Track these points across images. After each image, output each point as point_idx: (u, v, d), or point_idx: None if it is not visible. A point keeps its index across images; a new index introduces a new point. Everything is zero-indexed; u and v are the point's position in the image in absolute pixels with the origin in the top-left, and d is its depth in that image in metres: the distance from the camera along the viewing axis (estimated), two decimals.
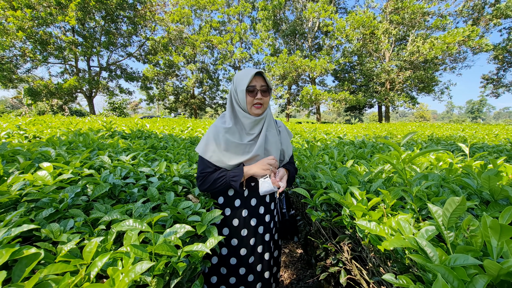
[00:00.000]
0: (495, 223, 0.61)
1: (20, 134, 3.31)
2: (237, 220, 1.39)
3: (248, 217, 1.40)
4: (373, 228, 0.93)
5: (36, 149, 1.70)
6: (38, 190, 1.08)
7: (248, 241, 1.39)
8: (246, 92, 1.28)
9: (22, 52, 19.09)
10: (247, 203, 1.41)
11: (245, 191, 1.41)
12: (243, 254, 1.39)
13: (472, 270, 0.64)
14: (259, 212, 1.43)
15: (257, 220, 1.42)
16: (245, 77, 1.27)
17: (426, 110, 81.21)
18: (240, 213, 1.39)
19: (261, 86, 1.30)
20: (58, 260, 0.73)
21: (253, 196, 1.42)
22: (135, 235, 0.85)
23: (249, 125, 1.33)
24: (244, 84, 1.26)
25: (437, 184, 1.30)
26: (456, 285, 0.58)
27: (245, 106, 1.31)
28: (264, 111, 1.36)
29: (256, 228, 1.42)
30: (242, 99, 1.30)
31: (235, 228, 1.38)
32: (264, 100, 1.32)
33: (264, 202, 1.45)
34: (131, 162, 1.77)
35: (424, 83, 25.29)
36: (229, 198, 1.39)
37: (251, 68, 1.29)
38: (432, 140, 5.22)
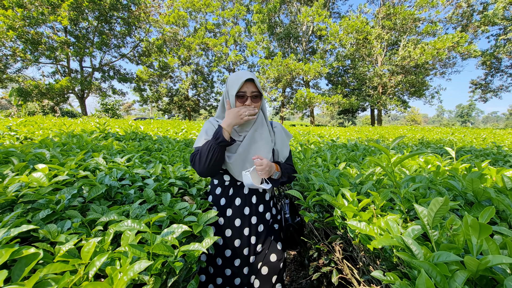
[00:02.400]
0: (475, 222, 0.66)
1: (11, 135, 3.27)
2: (222, 219, 1.39)
3: (232, 217, 1.39)
4: (363, 228, 0.97)
5: (29, 150, 1.69)
6: (34, 191, 1.09)
7: (232, 242, 1.37)
8: (236, 98, 1.30)
9: (12, 52, 18.73)
10: (231, 202, 1.40)
11: (230, 190, 1.42)
12: (228, 255, 1.38)
13: (454, 266, 0.68)
14: (244, 213, 1.41)
15: (242, 221, 1.40)
16: (236, 82, 1.28)
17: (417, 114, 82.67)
18: (225, 212, 1.39)
19: (251, 92, 1.30)
20: (57, 260, 0.75)
21: (238, 195, 1.42)
22: (132, 235, 0.86)
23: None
24: (234, 89, 1.28)
25: (424, 186, 1.35)
26: (438, 280, 0.62)
27: None
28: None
29: (241, 230, 1.39)
30: (232, 104, 1.32)
31: (220, 227, 1.38)
32: (254, 105, 1.33)
33: (249, 202, 1.43)
34: (126, 164, 1.78)
35: (415, 87, 25.81)
36: (215, 197, 1.43)
37: (243, 72, 1.30)
38: (423, 144, 5.34)
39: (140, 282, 0.77)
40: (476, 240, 0.67)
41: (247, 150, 1.35)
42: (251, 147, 1.36)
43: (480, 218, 0.73)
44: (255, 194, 1.45)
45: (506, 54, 24.51)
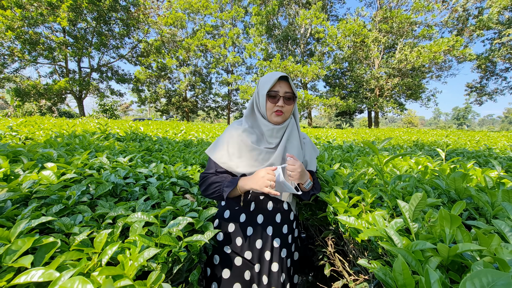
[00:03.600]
0: (446, 214, 0.74)
1: (12, 136, 3.33)
2: (241, 239, 1.21)
3: (253, 237, 1.21)
4: (352, 222, 1.05)
5: (36, 150, 1.76)
6: (46, 188, 1.16)
7: (252, 266, 1.19)
8: (266, 97, 1.19)
9: (10, 52, 18.69)
10: (253, 219, 1.23)
11: (252, 204, 1.24)
12: (247, 278, 1.18)
13: (429, 253, 0.76)
14: (267, 233, 1.22)
15: (263, 243, 1.21)
16: (269, 81, 1.18)
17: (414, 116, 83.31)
18: (245, 231, 1.21)
19: (285, 92, 1.19)
20: (73, 248, 0.82)
21: (260, 211, 1.24)
22: (140, 227, 0.94)
23: (267, 132, 1.23)
24: (266, 88, 1.17)
25: (412, 184, 1.44)
26: (414, 264, 0.71)
27: (265, 112, 1.22)
28: (285, 120, 1.26)
29: (263, 253, 1.20)
30: (262, 104, 1.21)
31: (241, 249, 1.20)
32: (286, 108, 1.21)
33: (272, 221, 1.24)
34: (128, 164, 1.85)
35: (412, 90, 26.10)
36: (234, 212, 1.25)
37: (276, 72, 1.20)
38: (417, 146, 5.46)
39: (148, 270, 0.85)
40: (449, 230, 0.76)
41: (280, 161, 1.21)
42: (283, 158, 1.22)
43: (452, 211, 0.82)
44: (280, 212, 1.27)
45: (500, 58, 24.87)
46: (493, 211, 1.07)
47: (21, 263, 0.66)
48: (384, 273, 0.71)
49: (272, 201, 1.26)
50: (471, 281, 0.52)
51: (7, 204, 0.99)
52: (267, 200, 1.25)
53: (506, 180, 1.43)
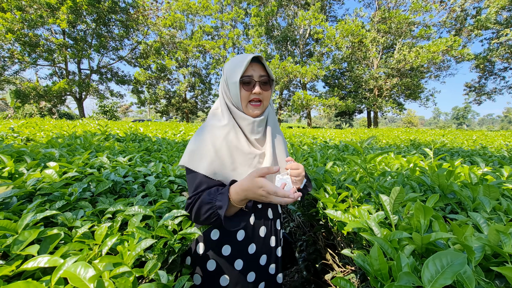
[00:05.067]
0: (420, 206, 0.80)
1: (14, 137, 3.39)
2: (241, 261, 1.00)
3: (256, 255, 1.03)
4: (339, 216, 1.11)
5: (38, 150, 1.82)
6: (49, 185, 1.22)
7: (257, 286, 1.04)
8: (240, 85, 0.97)
9: (10, 54, 18.78)
10: (255, 234, 1.03)
11: (251, 217, 1.03)
12: None
13: (405, 242, 0.82)
14: (270, 246, 1.08)
15: (268, 257, 1.06)
16: (239, 64, 0.96)
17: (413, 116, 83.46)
18: (246, 250, 1.01)
19: (260, 76, 0.98)
20: (75, 240, 0.88)
21: (262, 223, 1.06)
22: (137, 221, 1.00)
23: (247, 128, 1.01)
24: (238, 73, 0.95)
25: (400, 181, 1.51)
26: (390, 251, 0.77)
27: (239, 103, 1.00)
28: (264, 110, 1.05)
29: (267, 268, 1.06)
30: (235, 94, 0.98)
31: (238, 274, 1.00)
32: (264, 95, 1.00)
33: (274, 230, 1.11)
34: (128, 163, 1.91)
35: (411, 90, 26.23)
36: (227, 231, 1.01)
37: (246, 53, 1.00)
38: (413, 145, 5.53)
39: (145, 260, 0.91)
40: (423, 221, 0.82)
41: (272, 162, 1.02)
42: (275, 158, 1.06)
43: (427, 203, 0.88)
44: (278, 217, 1.15)
45: (499, 57, 24.99)
46: (473, 205, 1.13)
47: (28, 251, 0.72)
48: (362, 260, 0.77)
49: (271, 207, 1.11)
50: (433, 261, 0.58)
51: (12, 200, 1.05)
52: (267, 208, 1.08)
53: (489, 177, 1.49)
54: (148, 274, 0.80)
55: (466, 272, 0.61)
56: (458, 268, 0.55)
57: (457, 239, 0.75)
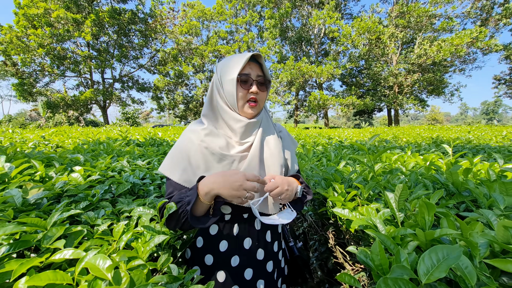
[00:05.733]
0: (423, 202, 0.80)
1: (45, 144, 3.65)
2: (223, 273, 0.95)
3: (239, 268, 0.97)
4: (346, 214, 1.12)
5: (66, 156, 1.97)
6: (74, 187, 1.33)
7: None
8: (237, 83, 0.92)
9: (41, 67, 20.20)
10: (238, 246, 0.98)
11: (234, 228, 0.98)
12: None
13: (410, 238, 0.83)
14: (257, 259, 1.00)
15: (254, 271, 0.98)
16: (238, 62, 0.91)
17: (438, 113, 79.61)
18: (228, 262, 0.96)
19: (257, 76, 0.95)
20: (96, 236, 0.96)
21: (247, 234, 0.99)
22: (147, 220, 1.07)
23: (240, 130, 0.95)
24: (235, 71, 0.90)
25: (413, 179, 1.48)
26: (392, 247, 0.77)
27: (235, 103, 0.94)
28: (259, 112, 1.01)
29: (254, 283, 0.98)
30: (231, 93, 0.92)
31: (221, 286, 0.95)
32: (260, 95, 0.96)
33: (263, 242, 1.02)
34: (146, 166, 2.02)
35: (433, 85, 25.06)
36: (210, 240, 0.98)
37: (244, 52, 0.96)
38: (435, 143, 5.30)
39: (157, 255, 0.98)
40: (427, 217, 0.82)
41: (256, 166, 0.95)
42: (261, 161, 0.98)
43: (431, 200, 0.88)
44: (270, 229, 1.05)
45: None
46: (487, 202, 1.10)
47: (56, 245, 0.81)
48: (365, 256, 0.79)
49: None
50: (429, 255, 0.59)
51: (43, 200, 1.16)
52: (253, 218, 1.00)
53: (508, 173, 1.43)
54: (161, 267, 0.87)
55: (467, 267, 0.62)
56: (454, 261, 0.56)
57: (460, 235, 0.74)
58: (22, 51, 18.32)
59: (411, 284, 0.58)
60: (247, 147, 0.97)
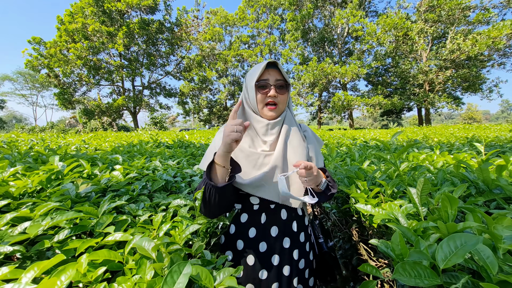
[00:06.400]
0: (445, 196, 0.82)
1: (85, 147, 4.00)
2: (252, 257, 1.05)
3: (267, 253, 1.05)
4: (369, 209, 1.15)
5: (106, 156, 2.18)
6: (116, 183, 1.49)
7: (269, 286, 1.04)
8: (255, 88, 1.03)
9: (79, 78, 21.94)
10: (265, 233, 1.07)
11: (262, 216, 1.08)
12: None
13: (432, 230, 0.84)
14: (283, 246, 1.08)
15: (281, 258, 1.07)
16: (256, 70, 1.03)
17: (475, 111, 73.90)
18: (257, 247, 1.05)
19: (275, 80, 1.04)
20: (139, 225, 1.09)
21: (274, 223, 1.08)
22: (185, 211, 1.18)
23: (261, 130, 1.06)
24: (254, 78, 1.02)
25: (440, 177, 1.46)
26: (413, 239, 0.80)
27: (256, 106, 1.06)
28: (280, 113, 1.10)
29: (281, 269, 1.06)
30: (252, 98, 1.05)
31: (252, 269, 1.04)
32: (279, 98, 1.05)
33: (289, 231, 1.10)
34: (177, 166, 2.17)
35: (469, 82, 23.34)
36: (241, 226, 1.09)
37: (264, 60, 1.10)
38: (470, 142, 4.99)
39: (192, 243, 1.07)
40: (450, 211, 0.83)
41: (279, 163, 1.03)
42: (284, 159, 1.05)
43: (454, 194, 0.89)
44: (296, 219, 1.13)
45: None
46: None
47: (107, 230, 0.94)
48: (386, 246, 0.82)
49: (286, 209, 1.11)
50: (447, 242, 0.62)
51: (92, 194, 1.32)
52: (280, 208, 1.10)
53: None
54: (195, 253, 0.96)
55: (489, 258, 0.63)
56: (471, 247, 0.58)
57: (484, 228, 0.75)
58: (63, 63, 20.08)
59: (429, 269, 0.62)
60: (271, 145, 1.06)
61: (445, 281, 0.64)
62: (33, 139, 4.47)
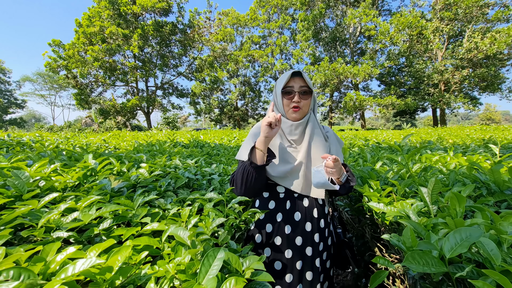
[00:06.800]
0: (454, 195, 0.89)
1: (105, 146, 4.20)
2: (279, 238, 1.22)
3: (292, 235, 1.21)
4: (381, 207, 1.22)
5: (130, 155, 2.32)
6: (144, 180, 1.61)
7: (294, 264, 1.19)
8: (282, 94, 1.23)
9: (95, 79, 22.66)
10: (290, 217, 1.24)
11: (287, 203, 1.26)
12: (289, 281, 1.18)
13: (441, 226, 0.91)
14: (306, 230, 1.23)
15: (303, 239, 1.22)
16: (283, 78, 1.22)
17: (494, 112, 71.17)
18: (283, 230, 1.22)
19: (300, 87, 1.21)
20: (169, 217, 1.20)
21: (297, 209, 1.25)
22: (211, 205, 1.28)
23: (286, 130, 1.26)
24: (280, 85, 1.21)
25: (452, 178, 1.51)
26: (423, 233, 0.87)
27: (282, 110, 1.26)
28: (304, 115, 1.26)
29: (303, 249, 1.21)
30: (279, 102, 1.25)
31: (278, 248, 1.21)
32: (303, 103, 1.22)
33: (310, 217, 1.25)
34: (195, 165, 2.29)
35: (487, 81, 22.55)
36: (270, 212, 1.27)
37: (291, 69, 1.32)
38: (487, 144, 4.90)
39: (217, 234, 1.18)
40: (458, 208, 0.90)
41: (303, 159, 1.22)
42: (308, 155, 1.24)
43: (462, 193, 0.95)
44: (317, 207, 1.28)
45: None
46: None
47: (144, 220, 1.05)
48: (397, 240, 0.89)
49: (307, 198, 1.27)
50: (453, 235, 0.69)
51: (124, 189, 1.44)
52: (303, 197, 1.26)
53: None
54: (221, 243, 1.06)
55: (492, 250, 0.70)
56: (475, 239, 0.66)
57: (490, 224, 0.82)
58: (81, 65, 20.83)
59: (437, 258, 0.69)
60: (296, 143, 1.26)
61: (452, 272, 0.71)
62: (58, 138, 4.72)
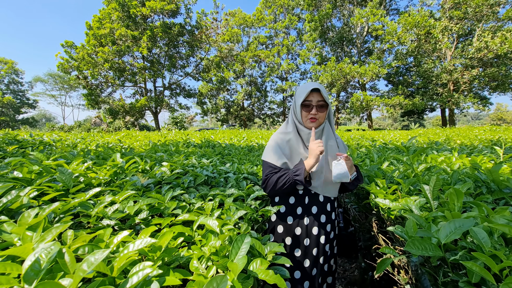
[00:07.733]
0: (453, 190, 1.00)
1: (120, 146, 4.38)
2: (299, 228, 1.41)
3: (310, 225, 1.42)
4: (387, 203, 1.33)
5: (150, 154, 2.48)
6: (169, 177, 1.76)
7: (311, 251, 1.40)
8: (301, 107, 1.38)
9: (105, 79, 23.13)
10: (308, 210, 1.43)
11: (305, 198, 1.44)
12: (307, 265, 1.39)
13: (440, 219, 1.02)
14: (321, 221, 1.43)
15: (319, 229, 1.42)
16: (303, 92, 1.35)
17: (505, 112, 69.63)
18: (302, 221, 1.41)
19: (317, 101, 1.35)
20: (194, 210, 1.34)
21: (314, 203, 1.44)
22: (230, 200, 1.42)
23: (305, 136, 1.43)
24: (300, 99, 1.35)
25: (455, 177, 1.61)
26: (424, 225, 0.99)
27: (301, 120, 1.42)
28: (319, 125, 1.43)
29: (319, 238, 1.42)
30: (298, 113, 1.40)
31: (298, 238, 1.40)
32: (319, 115, 1.38)
33: (325, 210, 1.46)
34: (211, 164, 2.43)
35: (498, 81, 22.16)
36: (291, 206, 1.44)
37: (310, 83, 1.36)
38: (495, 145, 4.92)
39: (238, 226, 1.31)
40: (456, 203, 1.01)
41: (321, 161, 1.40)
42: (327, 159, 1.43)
43: (460, 189, 1.06)
44: (329, 202, 1.49)
45: None
46: None
47: (175, 212, 1.19)
48: (401, 231, 1.01)
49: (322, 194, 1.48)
50: (448, 224, 0.81)
51: (152, 186, 1.59)
52: (319, 194, 1.46)
53: None
54: (243, 232, 1.19)
55: (483, 238, 0.81)
56: (467, 227, 0.77)
57: (484, 217, 0.93)
58: (92, 66, 21.31)
59: (434, 244, 0.81)
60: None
61: (447, 257, 0.83)
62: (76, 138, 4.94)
